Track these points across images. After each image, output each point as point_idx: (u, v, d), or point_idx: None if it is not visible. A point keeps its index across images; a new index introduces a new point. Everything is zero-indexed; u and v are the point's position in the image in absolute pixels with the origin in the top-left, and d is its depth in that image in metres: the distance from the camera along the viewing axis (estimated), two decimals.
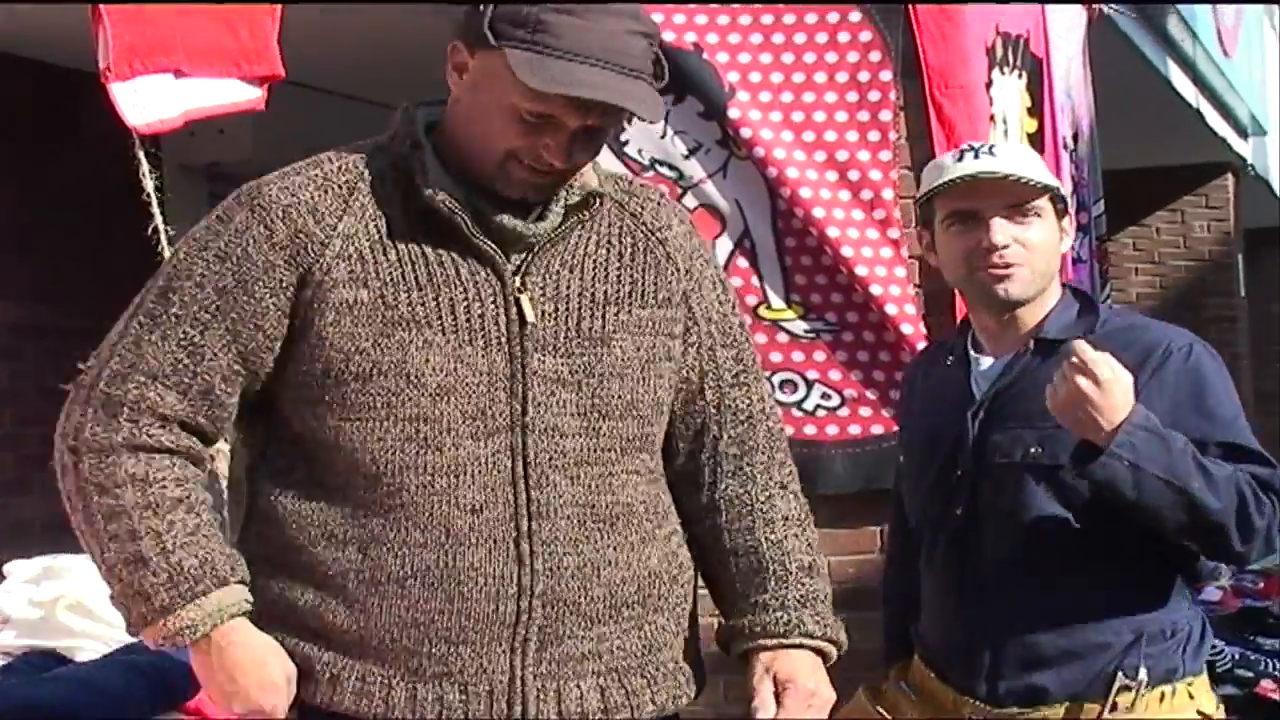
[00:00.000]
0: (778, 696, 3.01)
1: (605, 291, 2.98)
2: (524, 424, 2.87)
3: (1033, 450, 3.45)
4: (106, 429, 2.83)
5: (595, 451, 2.95)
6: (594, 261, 2.99)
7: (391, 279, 2.84)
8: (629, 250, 3.04)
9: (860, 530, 5.78)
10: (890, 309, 5.82)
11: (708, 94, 5.95)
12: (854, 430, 5.93)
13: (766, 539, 3.13)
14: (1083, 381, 3.15)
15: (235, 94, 5.27)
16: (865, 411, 5.89)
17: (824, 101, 5.94)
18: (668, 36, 5.93)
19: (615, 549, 2.97)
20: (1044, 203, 3.50)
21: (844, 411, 5.94)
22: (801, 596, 3.12)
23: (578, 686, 2.93)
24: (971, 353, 3.63)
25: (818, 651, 3.08)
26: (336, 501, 2.87)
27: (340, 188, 2.88)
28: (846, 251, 5.88)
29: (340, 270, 2.83)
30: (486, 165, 2.85)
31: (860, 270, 5.88)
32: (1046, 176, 3.53)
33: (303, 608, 2.87)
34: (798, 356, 5.96)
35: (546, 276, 2.93)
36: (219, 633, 2.81)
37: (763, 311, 5.98)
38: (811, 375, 5.98)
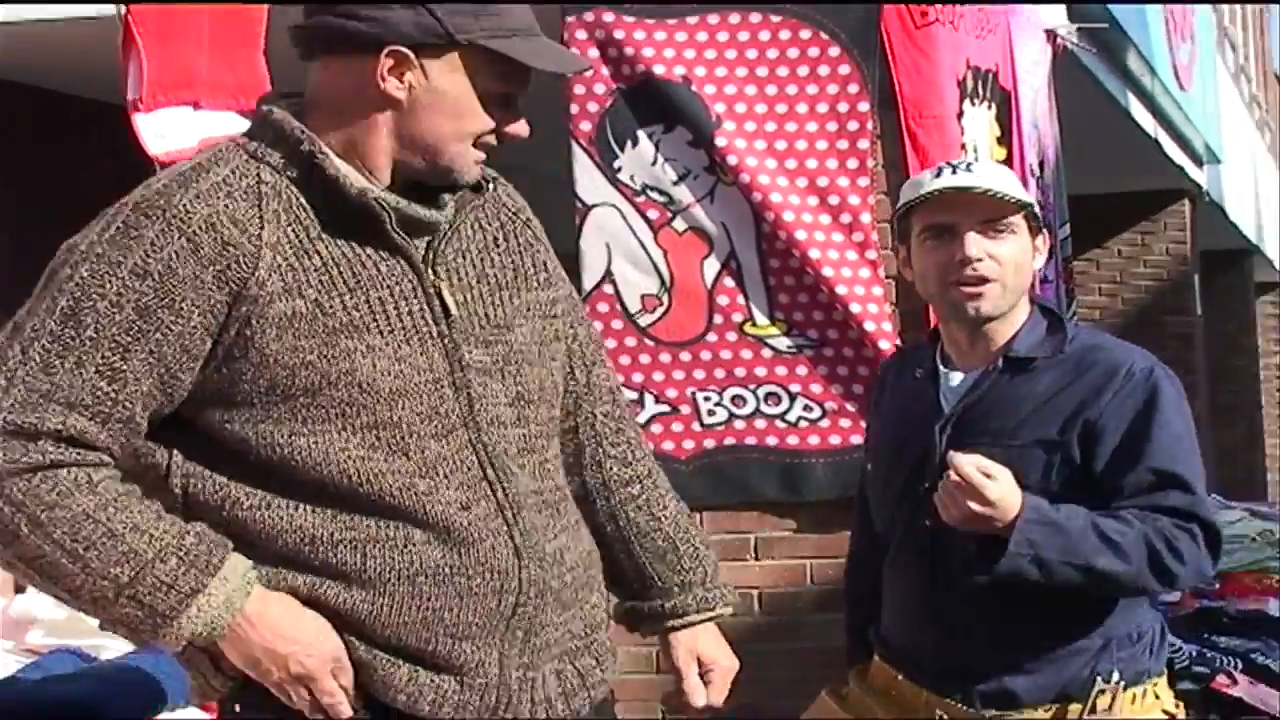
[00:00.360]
0: (702, 677, 3.08)
1: (497, 277, 2.86)
2: (473, 419, 2.76)
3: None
4: (28, 453, 2.55)
5: (529, 439, 2.87)
6: (480, 248, 2.87)
7: (323, 285, 2.65)
8: (505, 235, 2.93)
9: (841, 535, 5.72)
10: (868, 326, 5.84)
11: (696, 124, 5.97)
12: (834, 440, 5.95)
13: (665, 518, 3.10)
14: (971, 504, 3.12)
15: (238, 126, 5.28)
16: (845, 423, 5.90)
17: (805, 130, 5.95)
18: (658, 70, 5.95)
19: (564, 533, 2.91)
20: (1018, 219, 3.41)
21: (825, 423, 5.96)
22: (709, 573, 3.13)
23: (543, 674, 2.87)
24: (941, 367, 3.51)
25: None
26: (312, 510, 2.68)
27: (247, 194, 2.64)
28: (827, 272, 5.90)
29: (274, 283, 2.62)
30: (448, 153, 2.74)
31: (840, 289, 5.90)
32: (1021, 193, 3.46)
33: (311, 599, 2.68)
34: (781, 371, 5.97)
35: (450, 267, 2.80)
36: (252, 599, 2.63)
37: (748, 328, 5.99)
38: (794, 389, 5.99)
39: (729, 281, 6.00)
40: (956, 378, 3.47)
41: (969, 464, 3.15)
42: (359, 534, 2.70)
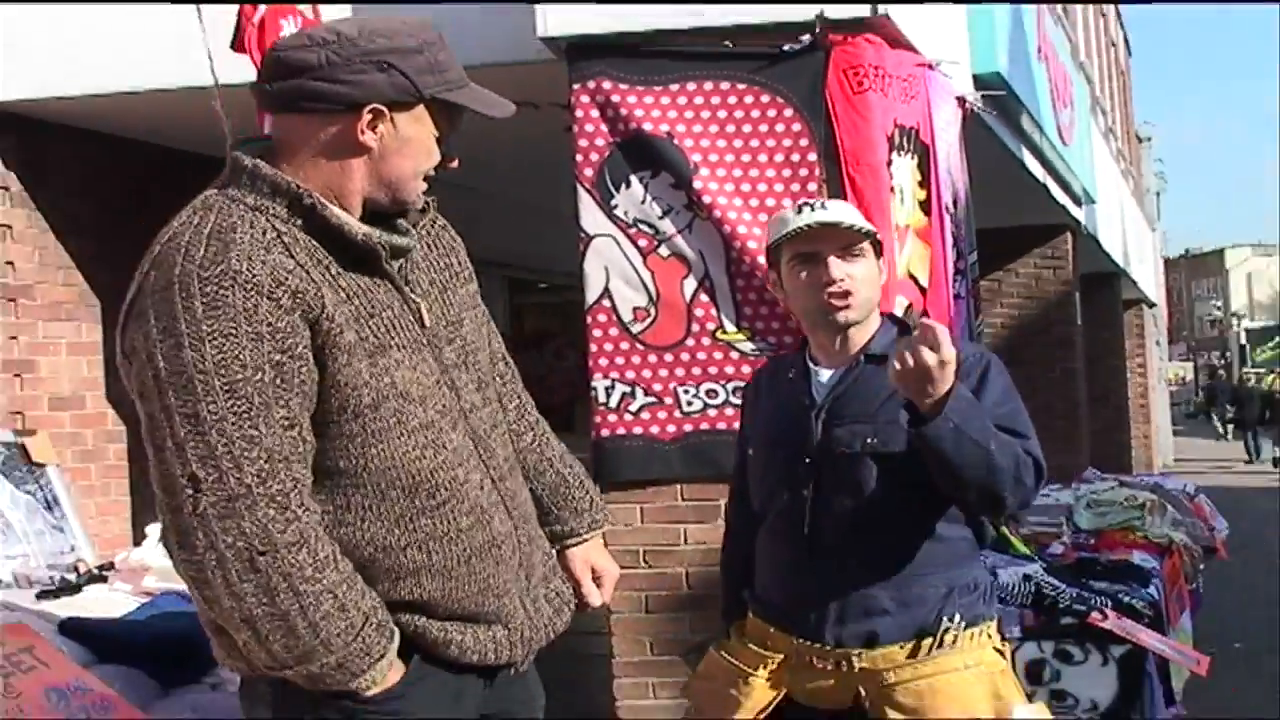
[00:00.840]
0: (596, 582, 3.11)
1: (442, 281, 2.82)
2: (461, 408, 2.74)
3: (869, 440, 3.36)
4: (288, 522, 2.47)
5: (493, 415, 2.85)
6: (425, 260, 2.80)
7: (355, 314, 2.58)
8: (435, 243, 2.86)
9: None
10: None
11: (677, 170, 5.95)
12: None
13: (553, 458, 3.10)
14: (929, 355, 3.04)
15: None
16: None
17: (765, 175, 5.94)
18: (647, 127, 5.95)
19: (523, 485, 2.92)
20: (867, 245, 3.42)
21: (738, 424, 5.94)
22: (593, 499, 3.15)
23: (540, 603, 2.89)
24: (811, 366, 3.51)
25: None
26: (377, 520, 2.62)
27: (278, 244, 2.54)
28: None
29: (339, 316, 2.55)
30: (408, 189, 2.69)
31: None
32: (866, 224, 3.47)
33: (396, 601, 2.64)
34: (746, 369, 5.95)
35: (418, 283, 2.75)
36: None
37: (719, 334, 5.99)
38: None
39: (704, 297, 5.99)
40: (825, 374, 3.47)
41: (943, 328, 3.11)
42: (419, 535, 2.65)
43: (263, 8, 4.66)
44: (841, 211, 3.49)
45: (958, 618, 3.34)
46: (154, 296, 2.51)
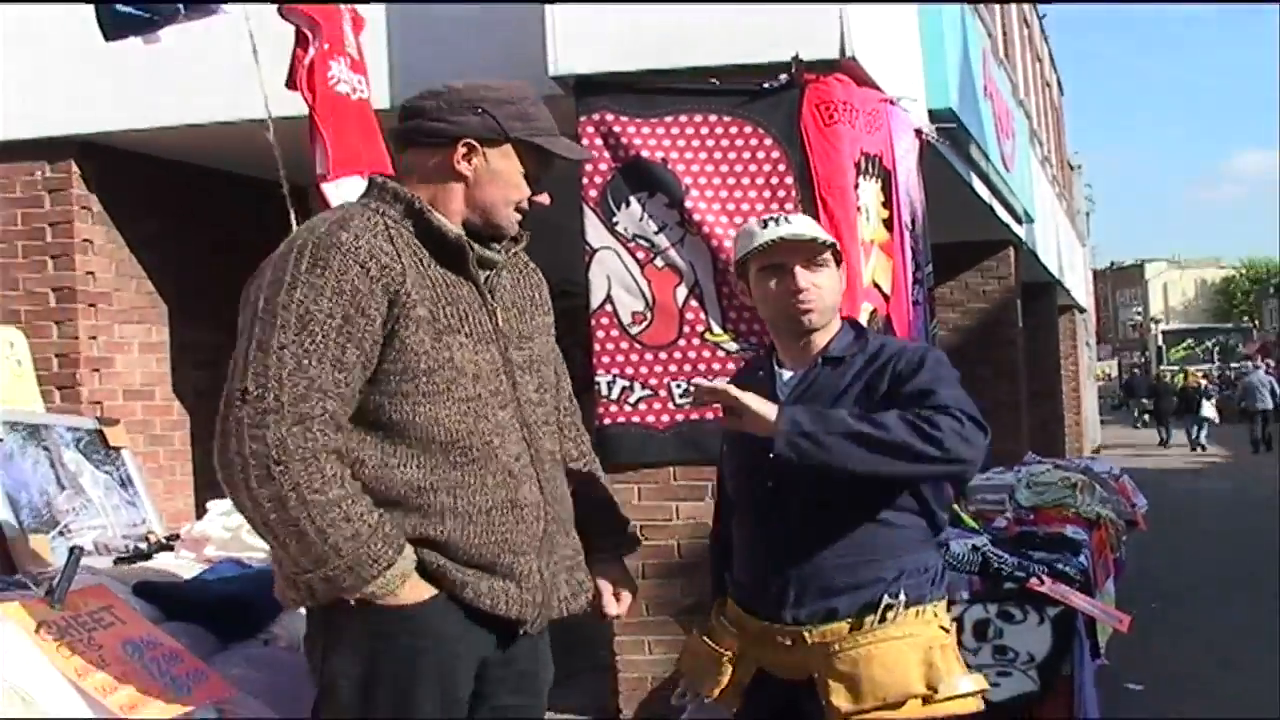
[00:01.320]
0: (615, 597, 3.16)
1: (522, 305, 2.95)
2: (517, 397, 2.84)
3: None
4: (306, 439, 2.58)
5: (547, 415, 2.95)
6: (513, 284, 2.94)
7: (433, 298, 2.72)
8: (525, 277, 3.00)
9: None
10: None
11: (670, 191, 5.96)
12: None
13: (596, 484, 3.17)
14: (724, 410, 3.08)
15: None
16: None
17: (747, 196, 5.95)
18: (644, 154, 5.95)
19: (563, 482, 2.99)
20: (829, 256, 3.27)
21: None
22: (623, 525, 3.21)
23: (560, 580, 2.92)
24: (776, 368, 3.35)
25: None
26: (416, 465, 2.71)
27: (385, 234, 2.71)
28: None
29: (415, 294, 2.69)
30: (499, 215, 2.84)
31: None
32: (826, 236, 3.32)
33: (422, 537, 2.72)
34: (731, 366, 5.95)
35: (499, 293, 2.87)
36: (410, 577, 2.69)
37: (708, 336, 5.99)
38: None
39: (694, 302, 5.98)
40: (788, 374, 3.33)
41: (702, 382, 3.19)
42: (450, 481, 2.73)
43: (312, 50, 4.65)
44: (803, 225, 3.33)
45: (902, 595, 3.17)
46: (275, 259, 2.69)
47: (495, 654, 2.83)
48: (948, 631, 3.26)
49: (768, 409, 3.06)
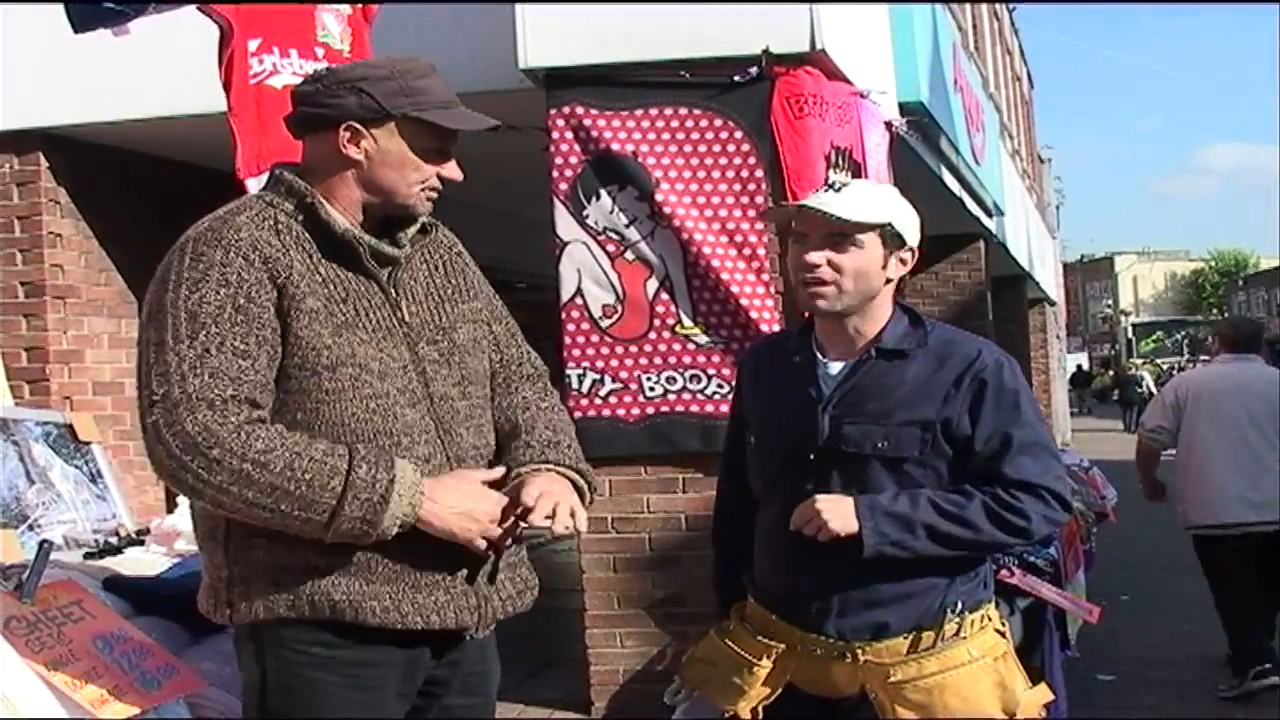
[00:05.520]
0: (552, 516, 2.70)
1: (439, 294, 2.81)
2: (429, 395, 2.69)
3: (879, 445, 2.91)
4: (227, 416, 2.47)
5: (471, 409, 2.78)
6: (426, 274, 2.81)
7: (327, 294, 2.61)
8: (445, 264, 2.87)
9: None
10: (763, 328, 5.84)
11: (641, 184, 5.96)
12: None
13: (520, 419, 2.87)
14: (811, 531, 2.87)
15: None
16: None
17: (717, 189, 5.95)
18: (614, 147, 5.95)
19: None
20: (867, 237, 2.93)
21: (732, 396, 5.94)
22: (544, 443, 2.85)
23: (504, 580, 2.78)
24: (819, 356, 3.03)
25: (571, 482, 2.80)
26: None
27: (272, 228, 2.62)
28: (733, 289, 5.91)
29: (303, 285, 2.58)
30: (402, 196, 2.71)
31: (743, 301, 5.90)
32: (866, 216, 2.93)
33: (331, 565, 2.57)
34: (701, 359, 5.97)
35: (405, 287, 2.75)
36: (426, 480, 2.58)
37: (678, 329, 5.99)
38: (710, 371, 5.99)
39: (664, 295, 5.98)
40: (835, 366, 3.00)
41: (809, 506, 2.88)
42: None
43: (227, 50, 4.53)
44: (841, 201, 2.94)
45: (959, 605, 2.94)
46: (164, 261, 2.63)
47: (436, 661, 2.74)
48: (1003, 635, 3.06)
49: (849, 522, 2.86)
